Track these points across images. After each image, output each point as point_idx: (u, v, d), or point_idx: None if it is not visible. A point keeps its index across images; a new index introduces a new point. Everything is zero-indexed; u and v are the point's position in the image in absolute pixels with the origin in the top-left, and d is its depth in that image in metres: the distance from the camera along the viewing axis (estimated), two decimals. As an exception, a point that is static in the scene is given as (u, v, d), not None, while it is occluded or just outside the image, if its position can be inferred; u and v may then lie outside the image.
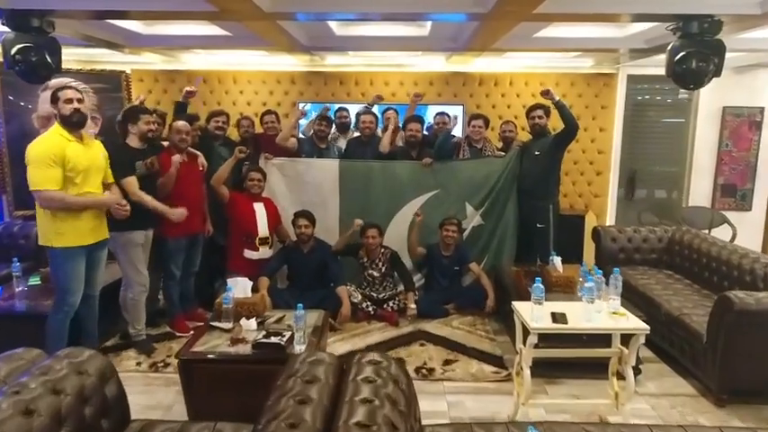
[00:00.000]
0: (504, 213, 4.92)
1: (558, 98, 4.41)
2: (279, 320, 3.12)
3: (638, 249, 4.91)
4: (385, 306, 4.53)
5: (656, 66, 5.92)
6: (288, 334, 2.79)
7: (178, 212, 3.84)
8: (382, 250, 4.70)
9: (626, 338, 2.79)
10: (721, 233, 5.44)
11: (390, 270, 4.72)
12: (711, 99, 6.11)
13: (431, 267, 4.78)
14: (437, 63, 6.19)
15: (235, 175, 4.71)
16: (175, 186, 3.96)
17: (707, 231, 5.48)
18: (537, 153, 4.66)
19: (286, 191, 4.95)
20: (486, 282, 4.62)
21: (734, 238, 5.58)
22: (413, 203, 4.96)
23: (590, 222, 5.82)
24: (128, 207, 3.42)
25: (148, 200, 3.66)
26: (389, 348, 3.94)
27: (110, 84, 6.32)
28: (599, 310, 2.75)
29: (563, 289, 3.86)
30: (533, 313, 2.66)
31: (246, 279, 3.32)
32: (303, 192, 4.95)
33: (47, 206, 3.11)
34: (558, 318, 2.67)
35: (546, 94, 4.43)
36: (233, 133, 5.35)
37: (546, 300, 2.74)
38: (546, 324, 2.63)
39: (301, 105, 6.17)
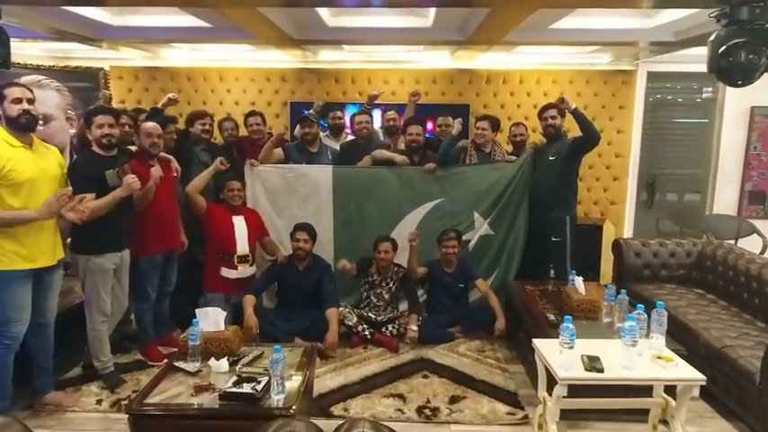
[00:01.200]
0: (514, 224, 4.44)
1: (574, 106, 3.93)
2: (256, 359, 2.63)
3: (665, 265, 4.42)
4: (383, 330, 4.05)
5: (679, 62, 5.48)
6: (264, 380, 2.31)
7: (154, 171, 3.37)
8: (395, 268, 4.22)
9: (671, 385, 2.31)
10: (749, 244, 4.94)
11: (399, 291, 4.24)
12: (738, 98, 5.60)
13: (433, 286, 4.30)
14: (441, 59, 5.72)
15: (215, 182, 4.24)
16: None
17: (733, 241, 4.99)
18: (552, 158, 4.17)
19: (274, 200, 4.47)
20: (494, 302, 4.13)
21: (764, 249, 5.09)
22: (415, 213, 4.49)
23: (608, 233, 5.33)
24: (85, 213, 2.89)
25: (102, 202, 3.08)
26: (388, 381, 3.46)
27: (87, 81, 5.86)
28: (640, 353, 2.26)
29: (585, 314, 3.38)
30: (562, 358, 2.18)
31: (219, 309, 2.83)
32: (293, 201, 4.47)
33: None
34: (591, 363, 2.19)
35: (561, 102, 3.95)
36: (217, 136, 4.88)
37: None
38: (578, 373, 2.16)
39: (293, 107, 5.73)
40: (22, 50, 5.54)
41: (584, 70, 5.71)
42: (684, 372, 2.22)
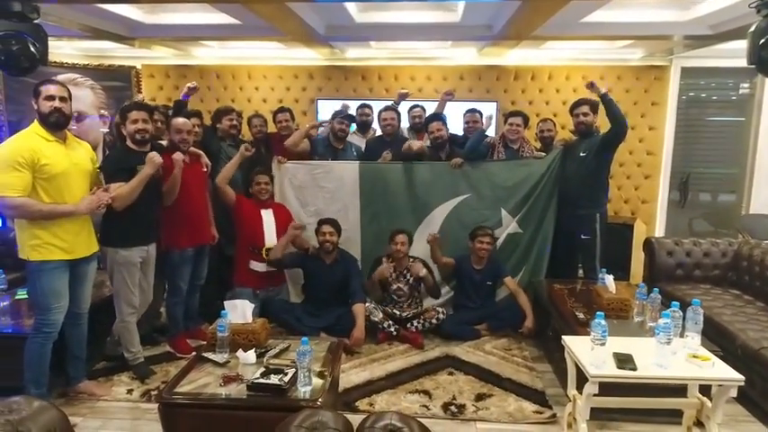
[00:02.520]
0: (543, 222, 4.36)
1: (604, 91, 3.85)
2: (283, 351, 2.65)
3: (699, 265, 4.30)
4: (409, 326, 4.03)
5: (714, 57, 5.33)
6: (291, 372, 2.32)
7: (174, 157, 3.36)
8: (410, 260, 4.21)
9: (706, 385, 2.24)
10: (789, 245, 4.77)
11: (418, 283, 4.22)
12: (777, 94, 5.44)
13: (460, 282, 4.26)
14: (468, 56, 5.67)
15: (244, 178, 4.29)
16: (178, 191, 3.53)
17: (771, 242, 4.83)
18: (582, 154, 4.09)
19: (301, 197, 4.50)
20: (523, 300, 4.07)
21: (805, 250, 4.90)
22: (442, 208, 4.46)
23: (639, 232, 5.21)
24: (107, 198, 2.96)
25: (129, 187, 3.09)
26: (413, 377, 3.44)
27: (119, 80, 5.99)
28: (675, 352, 2.20)
29: (616, 313, 3.31)
30: (593, 355, 2.13)
31: (246, 302, 2.85)
32: (320, 197, 4.50)
33: (10, 215, 2.71)
34: (623, 362, 2.14)
35: (591, 86, 3.87)
36: (246, 133, 4.93)
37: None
38: (609, 370, 2.10)
39: (320, 104, 5.75)
40: (58, 49, 5.70)
41: (615, 66, 5.59)
42: (722, 371, 2.14)
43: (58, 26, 4.25)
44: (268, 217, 4.13)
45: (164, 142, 3.68)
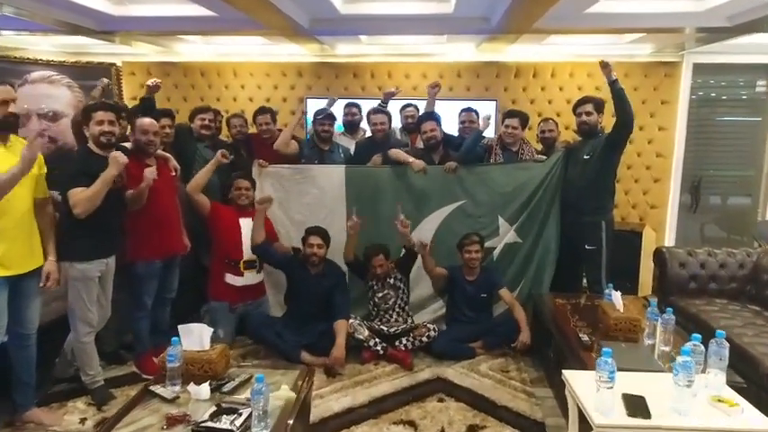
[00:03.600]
0: (544, 230, 4.03)
1: (615, 77, 3.51)
2: (242, 384, 2.32)
3: (714, 278, 3.95)
4: (397, 344, 3.70)
5: (729, 53, 4.98)
6: (246, 412, 2.00)
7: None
8: (391, 265, 3.88)
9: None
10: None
11: (401, 278, 3.89)
12: (797, 92, 5.08)
13: (453, 295, 3.92)
14: (466, 51, 5.34)
15: (222, 182, 3.99)
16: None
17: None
18: (586, 156, 3.76)
19: (284, 203, 4.18)
20: (519, 314, 3.73)
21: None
22: (435, 216, 4.14)
23: (648, 240, 4.86)
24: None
25: (92, 190, 2.78)
26: (400, 404, 3.11)
27: (99, 78, 5.67)
28: (695, 393, 1.86)
29: (624, 334, 2.97)
30: (599, 398, 1.79)
31: (204, 326, 2.51)
32: (304, 204, 4.19)
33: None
34: (635, 407, 1.80)
35: (604, 67, 3.52)
36: (226, 134, 4.63)
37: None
38: (618, 418, 1.77)
39: (310, 103, 5.42)
40: (35, 46, 5.41)
41: (622, 62, 5.23)
42: (754, 420, 1.80)
43: (31, 20, 3.96)
44: (248, 226, 3.81)
45: (128, 144, 3.36)
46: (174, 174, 3.51)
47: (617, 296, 3.11)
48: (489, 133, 4.96)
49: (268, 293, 4.10)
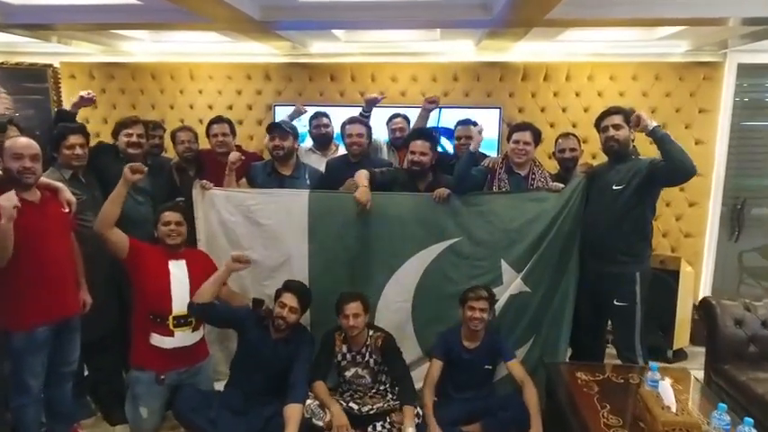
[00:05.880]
0: (559, 280, 3.16)
1: (654, 125, 2.67)
2: None
3: (782, 341, 3.07)
4: (371, 430, 2.84)
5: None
6: None
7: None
8: (370, 333, 3.02)
9: None
10: None
11: (383, 365, 3.04)
12: None
13: (446, 365, 3.03)
14: (464, 50, 4.49)
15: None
16: (20, 243, 2.38)
17: None
18: (617, 187, 2.88)
19: (233, 236, 3.33)
20: (531, 398, 2.82)
21: None
22: (420, 257, 3.27)
23: (686, 280, 3.98)
24: None
25: None
26: None
27: (32, 81, 4.87)
28: None
29: (677, 442, 2.10)
30: None
31: None
32: (257, 238, 3.32)
33: None
34: None
35: (636, 124, 2.70)
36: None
37: None
38: None
39: (278, 112, 4.58)
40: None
41: (652, 62, 4.36)
42: None
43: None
44: (179, 271, 2.96)
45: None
46: (67, 210, 2.66)
47: (666, 388, 2.24)
48: (491, 149, 4.15)
49: (214, 348, 3.27)
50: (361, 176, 3.19)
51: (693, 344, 4.16)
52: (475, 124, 3.52)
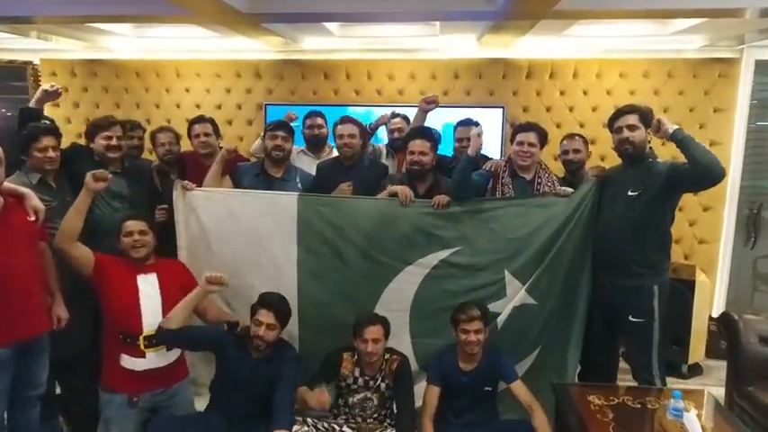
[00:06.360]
0: (569, 292, 2.91)
1: (674, 129, 2.42)
2: None
3: (812, 360, 2.82)
4: (363, 457, 2.61)
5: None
6: None
7: None
8: (386, 357, 2.75)
9: None
10: None
11: (392, 390, 2.78)
12: None
13: (443, 389, 2.77)
14: (464, 46, 4.27)
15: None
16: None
17: None
18: (632, 193, 2.63)
19: (215, 242, 3.10)
20: (541, 424, 2.57)
21: None
22: (417, 268, 3.02)
23: (702, 290, 3.74)
24: None
25: None
26: None
27: (11, 78, 4.65)
28: None
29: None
30: None
31: None
32: (241, 244, 3.09)
33: None
34: None
35: (657, 131, 2.48)
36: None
37: None
38: None
39: (270, 111, 4.35)
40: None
41: (665, 59, 4.14)
42: None
43: None
44: (149, 286, 2.71)
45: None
46: (33, 218, 2.42)
47: (693, 421, 2.00)
48: (494, 151, 3.92)
49: (196, 359, 3.05)
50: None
51: (709, 357, 3.93)
52: (477, 124, 3.31)
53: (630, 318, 2.67)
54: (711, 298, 4.18)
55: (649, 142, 2.70)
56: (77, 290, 2.73)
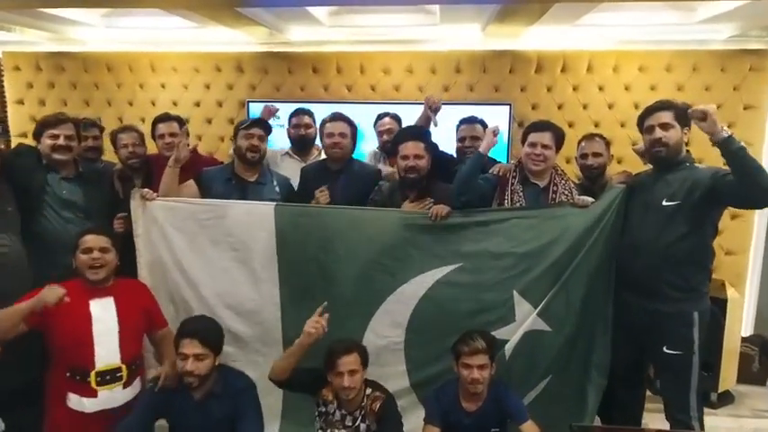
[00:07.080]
0: (595, 318, 2.52)
1: (726, 134, 2.04)
2: None
3: None
4: None
5: None
6: None
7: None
8: (368, 393, 2.35)
9: None
10: None
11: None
12: None
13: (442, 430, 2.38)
14: (467, 36, 3.90)
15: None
16: None
17: None
18: (667, 202, 2.24)
19: (181, 258, 2.71)
20: None
21: None
22: (412, 287, 2.62)
23: (734, 309, 3.36)
24: None
25: None
26: None
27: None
28: None
29: None
30: None
31: None
32: (213, 260, 2.70)
33: None
34: None
35: (702, 119, 2.08)
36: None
37: None
38: None
39: (253, 109, 3.98)
40: None
41: (689, 50, 3.77)
42: None
43: None
44: (104, 313, 2.31)
45: None
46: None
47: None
48: (499, 154, 3.53)
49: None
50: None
51: (739, 382, 3.54)
52: (482, 122, 2.92)
53: (665, 349, 2.28)
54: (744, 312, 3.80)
55: (687, 143, 2.31)
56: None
